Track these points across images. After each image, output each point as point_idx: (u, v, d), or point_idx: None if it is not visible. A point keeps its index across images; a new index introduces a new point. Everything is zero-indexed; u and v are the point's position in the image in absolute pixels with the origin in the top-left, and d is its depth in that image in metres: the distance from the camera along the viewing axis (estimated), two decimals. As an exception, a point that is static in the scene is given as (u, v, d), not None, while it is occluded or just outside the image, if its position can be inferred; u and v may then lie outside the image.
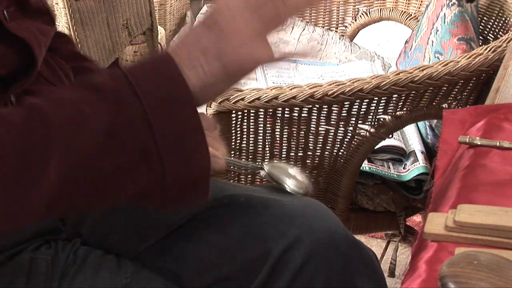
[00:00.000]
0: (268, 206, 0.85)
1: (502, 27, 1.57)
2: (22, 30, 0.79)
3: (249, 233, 0.83)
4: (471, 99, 1.31)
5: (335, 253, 0.80)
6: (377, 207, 1.46)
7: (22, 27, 0.80)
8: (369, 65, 1.90)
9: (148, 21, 2.62)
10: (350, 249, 0.82)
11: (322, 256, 0.80)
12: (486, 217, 0.67)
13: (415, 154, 1.46)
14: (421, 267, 0.66)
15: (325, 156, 1.33)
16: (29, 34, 0.80)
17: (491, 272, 0.56)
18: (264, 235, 0.82)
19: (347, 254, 0.81)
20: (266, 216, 0.84)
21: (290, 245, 0.80)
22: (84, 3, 2.12)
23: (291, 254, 0.80)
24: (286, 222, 0.82)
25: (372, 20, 2.07)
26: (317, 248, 0.80)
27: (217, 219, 0.86)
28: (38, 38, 0.82)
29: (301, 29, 2.11)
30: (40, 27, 0.84)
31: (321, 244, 0.80)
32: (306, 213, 0.84)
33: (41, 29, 0.84)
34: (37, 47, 0.80)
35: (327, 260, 0.80)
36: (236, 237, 0.84)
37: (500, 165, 0.81)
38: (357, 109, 1.24)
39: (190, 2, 3.34)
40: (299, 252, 0.80)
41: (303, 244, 0.80)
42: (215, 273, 0.83)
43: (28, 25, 0.82)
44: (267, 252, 0.81)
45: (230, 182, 0.96)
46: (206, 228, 0.85)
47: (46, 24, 0.87)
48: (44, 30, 0.85)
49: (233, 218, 0.85)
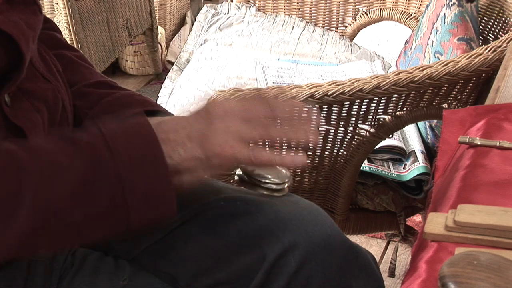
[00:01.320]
0: (264, 210, 0.84)
1: (502, 27, 1.57)
2: (9, 25, 0.78)
3: (245, 238, 0.83)
4: (471, 99, 1.31)
5: (331, 257, 0.80)
6: (377, 207, 1.46)
7: (10, 21, 0.79)
8: (369, 65, 1.90)
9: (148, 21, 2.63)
10: (346, 253, 0.81)
11: (317, 260, 0.79)
12: (486, 217, 0.67)
13: (415, 154, 1.46)
14: (421, 267, 0.66)
15: (325, 156, 1.33)
16: (17, 29, 0.79)
17: (491, 272, 0.56)
18: (259, 239, 0.82)
19: (343, 258, 0.81)
20: (261, 220, 0.83)
21: (285, 250, 0.80)
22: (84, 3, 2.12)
23: (286, 259, 0.79)
24: (281, 226, 0.82)
25: (372, 20, 2.07)
26: (312, 253, 0.79)
27: (213, 223, 0.85)
28: (26, 33, 0.81)
29: (301, 29, 2.11)
30: (28, 19, 0.83)
31: (317, 249, 0.80)
32: (302, 217, 0.83)
33: (29, 21, 0.83)
34: (24, 43, 0.79)
35: (322, 264, 0.79)
36: (231, 241, 0.83)
37: (500, 165, 0.81)
38: (357, 109, 1.24)
39: (190, 2, 3.34)
40: (294, 257, 0.79)
41: (298, 249, 0.79)
42: (212, 276, 0.83)
43: (16, 18, 0.80)
44: (263, 257, 0.80)
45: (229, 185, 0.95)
46: (202, 231, 0.85)
47: (34, 15, 0.86)
48: (32, 23, 0.84)
49: (228, 222, 0.85)
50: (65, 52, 0.99)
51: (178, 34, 3.19)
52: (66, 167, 0.68)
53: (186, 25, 3.25)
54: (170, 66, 2.80)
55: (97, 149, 0.70)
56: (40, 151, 0.69)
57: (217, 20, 2.21)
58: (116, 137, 0.71)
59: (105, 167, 0.69)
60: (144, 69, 3.02)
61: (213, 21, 2.21)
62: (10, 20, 0.79)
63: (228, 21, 2.19)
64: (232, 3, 2.25)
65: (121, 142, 0.71)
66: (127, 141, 0.71)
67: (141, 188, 0.70)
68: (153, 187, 0.71)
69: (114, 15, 2.32)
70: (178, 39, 3.15)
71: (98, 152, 0.69)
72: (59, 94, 0.87)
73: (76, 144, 0.70)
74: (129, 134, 0.72)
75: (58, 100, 0.86)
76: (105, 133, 0.71)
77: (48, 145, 0.70)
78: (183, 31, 3.21)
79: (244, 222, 0.84)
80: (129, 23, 2.44)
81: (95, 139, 0.71)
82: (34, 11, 0.86)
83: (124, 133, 0.72)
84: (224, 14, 2.23)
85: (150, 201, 0.71)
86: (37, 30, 0.85)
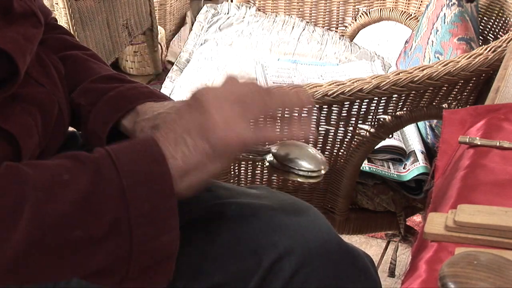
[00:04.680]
0: (259, 215, 0.84)
1: (502, 27, 1.57)
2: (6, 41, 0.76)
3: (240, 243, 0.82)
4: (471, 99, 1.31)
5: (327, 262, 0.80)
6: (377, 207, 1.46)
7: (7, 37, 0.77)
8: (369, 65, 1.90)
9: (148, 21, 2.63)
10: (343, 258, 0.81)
11: (313, 265, 0.79)
12: (486, 217, 0.67)
13: (415, 154, 1.46)
14: (421, 267, 0.66)
15: (325, 156, 1.33)
16: (14, 44, 0.77)
17: (491, 272, 0.57)
18: (255, 245, 0.81)
19: (340, 262, 0.81)
20: (257, 225, 0.83)
21: (281, 256, 0.79)
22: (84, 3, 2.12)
23: (282, 265, 0.79)
24: (277, 231, 0.81)
25: (372, 20, 2.07)
26: (308, 258, 0.79)
27: (208, 228, 0.85)
28: (23, 48, 0.79)
29: (301, 29, 2.11)
30: (26, 32, 0.82)
31: (313, 254, 0.79)
32: (298, 222, 0.83)
33: (27, 35, 0.82)
34: (21, 58, 0.77)
35: (318, 269, 0.79)
36: (227, 246, 0.83)
37: (500, 165, 0.81)
38: (357, 109, 1.24)
39: (190, 2, 3.34)
40: (290, 262, 0.79)
41: (294, 255, 0.79)
42: (209, 280, 0.83)
43: (13, 33, 0.79)
44: (258, 262, 0.80)
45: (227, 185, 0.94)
46: (198, 236, 0.84)
47: (33, 27, 0.85)
48: (31, 35, 0.83)
49: (224, 227, 0.84)
50: (73, 52, 0.97)
51: (178, 34, 3.19)
52: (69, 182, 0.66)
53: (186, 25, 3.25)
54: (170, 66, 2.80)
55: (101, 165, 0.68)
56: (43, 165, 0.68)
57: (217, 20, 2.21)
58: (121, 154, 0.69)
59: (110, 184, 0.67)
60: (144, 69, 3.02)
61: (213, 21, 2.21)
62: (7, 36, 0.77)
63: (228, 21, 2.19)
64: (232, 3, 2.25)
65: (126, 159, 0.68)
66: (132, 158, 0.69)
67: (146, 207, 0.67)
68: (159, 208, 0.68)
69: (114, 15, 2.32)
70: (178, 39, 3.15)
71: (102, 168, 0.67)
72: (55, 97, 0.86)
73: (81, 160, 0.68)
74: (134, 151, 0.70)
75: (54, 102, 0.85)
76: (110, 151, 0.69)
77: (53, 162, 0.69)
78: (183, 31, 3.21)
79: (239, 227, 0.83)
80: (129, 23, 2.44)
81: (99, 156, 0.69)
82: (34, 24, 0.85)
83: (131, 151, 0.70)
84: (224, 14, 2.23)
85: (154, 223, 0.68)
86: (35, 43, 0.84)
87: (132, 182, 0.67)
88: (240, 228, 0.83)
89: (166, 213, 0.68)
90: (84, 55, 0.98)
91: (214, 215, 0.86)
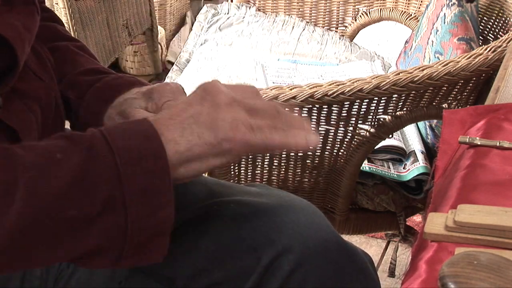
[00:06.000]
0: (258, 212, 0.83)
1: (502, 27, 1.57)
2: (6, 28, 0.75)
3: (239, 241, 0.82)
4: (471, 99, 1.31)
5: (326, 261, 0.79)
6: (377, 207, 1.46)
7: (7, 24, 0.76)
8: (369, 65, 1.90)
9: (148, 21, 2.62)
10: (342, 257, 0.81)
11: (311, 264, 0.79)
12: (486, 217, 0.67)
13: (415, 154, 1.46)
14: (421, 267, 0.66)
15: (325, 156, 1.33)
16: (14, 32, 0.76)
17: (491, 272, 0.57)
18: (253, 243, 0.81)
19: (339, 262, 0.80)
20: (256, 223, 0.82)
21: (280, 254, 0.79)
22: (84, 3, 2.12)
23: (280, 263, 0.79)
24: (276, 229, 0.81)
25: (372, 20, 2.07)
26: (306, 256, 0.79)
27: (207, 226, 0.85)
28: (23, 36, 0.78)
29: (301, 29, 2.11)
30: (26, 21, 0.81)
31: (311, 253, 0.79)
32: (297, 220, 0.82)
33: (27, 23, 0.80)
34: (20, 48, 0.77)
35: (317, 268, 0.79)
36: (226, 244, 0.83)
37: (500, 165, 0.81)
38: (357, 109, 1.24)
39: (190, 2, 3.34)
40: (288, 260, 0.79)
41: (293, 253, 0.79)
42: (207, 278, 0.83)
43: (14, 20, 0.78)
44: (257, 260, 0.80)
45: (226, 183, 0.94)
46: (197, 234, 0.84)
47: (32, 16, 0.84)
48: (30, 24, 0.82)
49: (223, 224, 0.84)
50: (62, 43, 0.96)
51: (178, 34, 3.19)
52: (62, 161, 0.65)
53: (186, 25, 3.25)
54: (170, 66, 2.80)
55: (94, 143, 0.67)
56: (36, 146, 0.67)
57: (217, 20, 2.21)
58: (114, 133, 0.68)
59: (103, 161, 0.66)
60: (144, 69, 3.02)
61: (213, 21, 2.21)
62: (7, 23, 0.77)
63: (228, 21, 2.19)
64: (232, 3, 2.25)
65: (119, 137, 0.68)
66: (125, 135, 0.68)
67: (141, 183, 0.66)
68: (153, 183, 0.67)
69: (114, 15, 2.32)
70: (178, 39, 3.15)
71: (95, 146, 0.67)
72: (52, 92, 0.85)
73: (73, 139, 0.68)
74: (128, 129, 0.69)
75: (50, 98, 0.85)
76: (103, 130, 0.68)
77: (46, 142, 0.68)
78: (183, 31, 3.21)
79: (238, 225, 0.83)
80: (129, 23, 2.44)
81: (92, 134, 0.68)
82: (32, 12, 0.84)
83: (123, 129, 0.69)
84: (224, 14, 2.23)
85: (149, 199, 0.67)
86: (33, 33, 0.83)
87: (125, 159, 0.66)
88: (239, 226, 0.83)
89: (160, 189, 0.68)
90: (73, 47, 0.97)
91: (212, 213, 0.86)
